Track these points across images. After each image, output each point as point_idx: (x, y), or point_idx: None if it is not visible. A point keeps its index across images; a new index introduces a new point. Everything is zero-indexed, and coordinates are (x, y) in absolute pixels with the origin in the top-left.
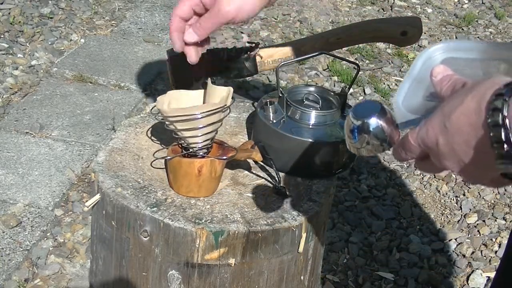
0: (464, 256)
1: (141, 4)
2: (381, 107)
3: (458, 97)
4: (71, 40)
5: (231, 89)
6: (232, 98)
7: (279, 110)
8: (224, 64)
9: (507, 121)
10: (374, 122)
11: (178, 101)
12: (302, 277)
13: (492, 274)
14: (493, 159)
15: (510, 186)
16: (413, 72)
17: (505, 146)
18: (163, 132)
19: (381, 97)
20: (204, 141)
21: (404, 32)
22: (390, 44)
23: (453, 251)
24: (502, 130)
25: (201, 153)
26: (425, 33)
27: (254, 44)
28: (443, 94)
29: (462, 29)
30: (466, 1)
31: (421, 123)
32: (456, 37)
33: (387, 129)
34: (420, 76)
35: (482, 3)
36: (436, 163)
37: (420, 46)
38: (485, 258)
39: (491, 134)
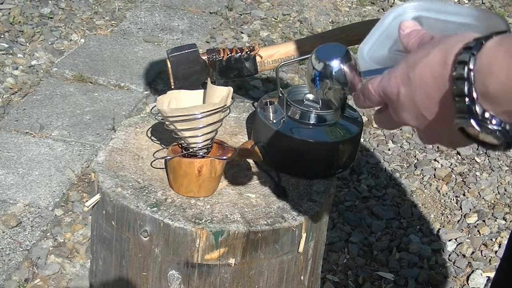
0: (464, 256)
1: (141, 4)
2: (346, 51)
3: (425, 49)
4: (71, 40)
5: (231, 89)
6: (232, 98)
7: (279, 110)
8: (224, 64)
9: (472, 74)
10: (336, 65)
11: (178, 101)
12: (302, 277)
13: (492, 274)
14: (452, 114)
15: (509, 186)
16: (383, 25)
17: (467, 99)
18: (163, 132)
19: None
20: (204, 141)
21: None
22: None
23: (453, 251)
24: (466, 83)
25: (201, 153)
26: None
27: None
28: (409, 48)
29: None
30: (466, 1)
31: (384, 73)
32: None
33: (349, 75)
34: (389, 30)
35: (482, 3)
36: (394, 116)
37: None
38: (485, 258)
39: (454, 87)
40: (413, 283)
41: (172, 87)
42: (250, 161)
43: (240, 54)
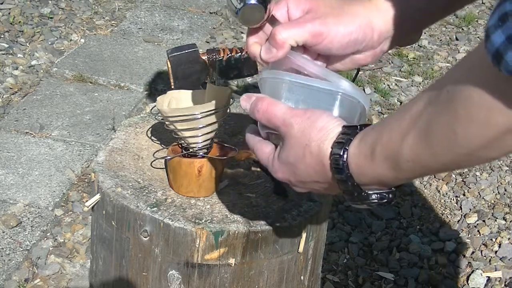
0: (464, 256)
1: (141, 4)
2: None
3: (298, 149)
4: (71, 40)
5: (231, 89)
6: (232, 98)
7: None
8: (224, 64)
9: (348, 175)
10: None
11: (178, 101)
12: (302, 277)
13: (492, 274)
14: (335, 187)
15: (509, 186)
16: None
17: (350, 189)
18: (163, 132)
19: (381, 97)
20: (204, 141)
21: None
22: None
23: (453, 251)
24: (348, 183)
25: (201, 153)
26: (425, 33)
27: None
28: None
29: (462, 29)
30: None
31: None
32: (456, 37)
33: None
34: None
35: (482, 3)
36: (276, 159)
37: (420, 46)
38: (485, 258)
39: (339, 186)
40: (413, 283)
41: (172, 87)
42: (250, 161)
43: (240, 54)
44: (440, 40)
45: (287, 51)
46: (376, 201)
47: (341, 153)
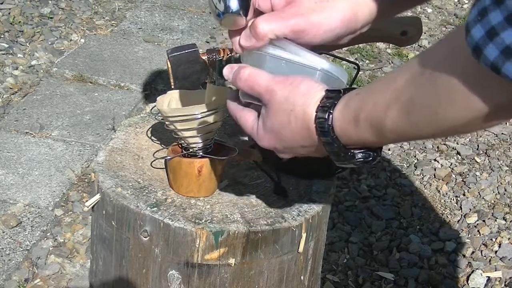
0: (464, 256)
1: (141, 4)
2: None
3: (283, 115)
4: (71, 40)
5: (231, 89)
6: None
7: None
8: (224, 64)
9: (334, 137)
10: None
11: (178, 101)
12: (302, 277)
13: (492, 274)
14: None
15: (509, 186)
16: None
17: (336, 150)
18: (163, 132)
19: None
20: (204, 141)
21: (404, 32)
22: (390, 44)
23: (453, 251)
24: (334, 145)
25: (201, 153)
26: (425, 33)
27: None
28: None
29: None
30: (466, 1)
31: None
32: None
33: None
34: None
35: None
36: (262, 127)
37: (420, 46)
38: (485, 258)
39: (326, 147)
40: (413, 283)
41: (172, 87)
42: (250, 161)
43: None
44: (440, 40)
45: (266, 43)
46: (362, 159)
47: (326, 117)
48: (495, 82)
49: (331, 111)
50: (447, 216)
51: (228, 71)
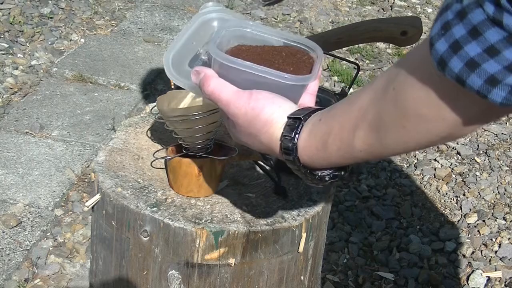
0: (464, 256)
1: (141, 4)
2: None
3: (248, 136)
4: (71, 40)
5: None
6: None
7: None
8: None
9: (303, 164)
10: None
11: (178, 101)
12: (302, 277)
13: (492, 274)
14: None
15: (509, 186)
16: (187, 33)
17: (309, 178)
18: (163, 132)
19: None
20: (204, 141)
21: (404, 32)
22: (390, 44)
23: (453, 251)
24: (302, 171)
25: (201, 153)
26: (425, 33)
27: None
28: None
29: None
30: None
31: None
32: None
33: None
34: (192, 38)
35: None
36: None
37: None
38: (485, 258)
39: (293, 171)
40: (413, 283)
41: (172, 87)
42: (250, 161)
43: None
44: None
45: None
46: (330, 180)
47: (291, 147)
48: (463, 93)
49: (295, 142)
50: (447, 216)
51: (195, 76)
